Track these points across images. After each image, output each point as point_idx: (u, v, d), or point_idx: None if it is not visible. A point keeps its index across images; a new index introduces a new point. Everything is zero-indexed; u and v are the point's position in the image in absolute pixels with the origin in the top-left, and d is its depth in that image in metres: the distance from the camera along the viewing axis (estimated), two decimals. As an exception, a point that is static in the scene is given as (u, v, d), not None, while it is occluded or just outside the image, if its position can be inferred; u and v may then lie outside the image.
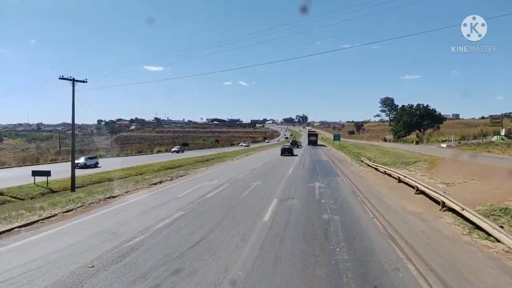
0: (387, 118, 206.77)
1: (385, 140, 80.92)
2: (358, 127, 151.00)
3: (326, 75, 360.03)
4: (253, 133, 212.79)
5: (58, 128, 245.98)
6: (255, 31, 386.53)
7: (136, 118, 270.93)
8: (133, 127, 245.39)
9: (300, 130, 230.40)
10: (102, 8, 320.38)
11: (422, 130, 71.56)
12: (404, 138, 73.87)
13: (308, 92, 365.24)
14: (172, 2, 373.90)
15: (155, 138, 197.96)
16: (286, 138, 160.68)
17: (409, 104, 74.55)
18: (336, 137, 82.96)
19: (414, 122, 70.27)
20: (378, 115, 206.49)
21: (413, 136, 73.05)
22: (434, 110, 72.00)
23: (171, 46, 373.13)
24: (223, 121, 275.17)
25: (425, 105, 72.49)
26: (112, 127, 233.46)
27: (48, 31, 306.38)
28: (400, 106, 76.20)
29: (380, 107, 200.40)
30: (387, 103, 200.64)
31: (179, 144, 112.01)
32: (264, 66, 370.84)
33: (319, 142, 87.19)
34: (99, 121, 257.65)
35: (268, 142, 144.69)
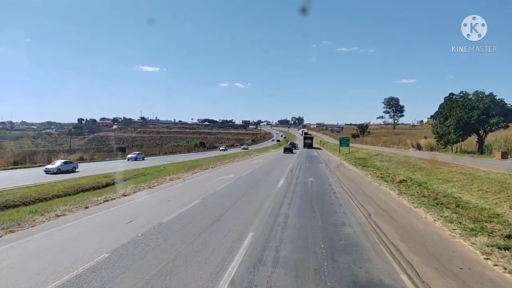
0: (391, 120, 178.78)
1: (418, 147, 50.76)
2: (363, 130, 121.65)
3: (322, 78, 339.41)
4: (244, 134, 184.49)
5: (33, 126, 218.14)
6: (252, 33, 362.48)
7: (124, 118, 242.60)
8: (115, 126, 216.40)
9: (288, 129, 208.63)
10: (97, 7, 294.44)
11: (485, 132, 42.20)
12: (455, 144, 44.29)
13: (304, 94, 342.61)
14: (169, 2, 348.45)
15: (135, 138, 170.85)
16: (278, 141, 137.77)
17: (462, 92, 45.04)
18: (344, 142, 53.25)
19: (474, 119, 40.82)
20: (381, 117, 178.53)
21: (471, 140, 43.64)
22: (502, 100, 42.65)
23: (167, 47, 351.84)
24: (215, 122, 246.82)
25: (488, 94, 43.04)
26: (91, 127, 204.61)
27: (42, 30, 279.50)
28: (448, 95, 45.99)
29: (383, 108, 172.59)
30: (392, 103, 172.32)
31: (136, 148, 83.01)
32: (260, 68, 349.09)
33: (315, 145, 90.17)
34: (80, 120, 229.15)
35: (224, 150, 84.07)
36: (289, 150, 60.65)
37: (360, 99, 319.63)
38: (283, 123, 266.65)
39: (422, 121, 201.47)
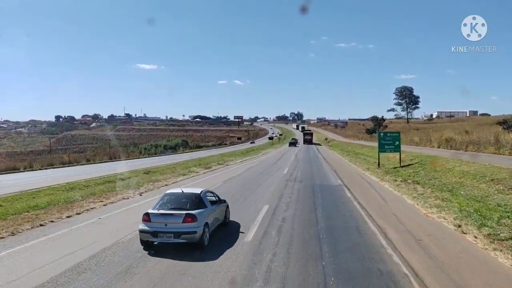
0: (403, 114, 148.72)
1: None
2: (379, 124, 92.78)
3: (321, 73, 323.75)
4: (236, 131, 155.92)
5: (3, 125, 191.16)
6: (250, 30, 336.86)
7: (112, 115, 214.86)
8: (93, 124, 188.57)
9: (274, 125, 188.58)
10: (96, 6, 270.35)
11: None
12: None
13: (303, 91, 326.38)
14: (169, 1, 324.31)
15: (110, 137, 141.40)
16: (271, 139, 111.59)
17: None
18: (389, 143, 22.03)
19: None
20: (393, 109, 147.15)
21: None
22: None
23: (166, 45, 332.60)
24: (208, 118, 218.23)
25: None
26: (65, 125, 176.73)
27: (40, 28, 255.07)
28: None
29: (395, 99, 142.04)
30: (405, 94, 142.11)
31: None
32: (259, 65, 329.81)
33: (315, 141, 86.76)
34: (57, 117, 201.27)
35: None
36: (293, 144, 73.38)
37: (360, 94, 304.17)
38: (282, 119, 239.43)
39: (432, 115, 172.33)
